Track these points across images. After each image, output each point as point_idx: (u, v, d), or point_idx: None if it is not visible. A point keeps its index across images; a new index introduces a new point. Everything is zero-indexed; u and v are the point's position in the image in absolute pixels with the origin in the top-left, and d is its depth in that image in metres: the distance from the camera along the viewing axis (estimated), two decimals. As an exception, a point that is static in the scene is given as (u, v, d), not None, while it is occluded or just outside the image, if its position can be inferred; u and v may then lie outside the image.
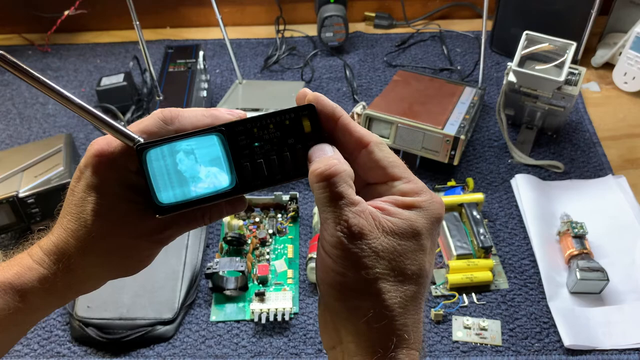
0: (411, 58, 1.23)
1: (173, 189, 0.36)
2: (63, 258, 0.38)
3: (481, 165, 0.97)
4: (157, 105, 0.94)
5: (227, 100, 1.00)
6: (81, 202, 0.37)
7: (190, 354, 0.75)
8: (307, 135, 0.37)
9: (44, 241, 0.39)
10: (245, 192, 0.37)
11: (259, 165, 0.37)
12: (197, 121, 0.38)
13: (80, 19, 1.24)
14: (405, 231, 0.34)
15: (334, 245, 0.33)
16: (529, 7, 1.12)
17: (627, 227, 0.86)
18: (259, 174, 0.37)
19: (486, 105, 1.09)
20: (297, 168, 0.37)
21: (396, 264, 0.34)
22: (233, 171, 0.36)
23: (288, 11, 1.30)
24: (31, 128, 1.10)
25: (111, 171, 0.37)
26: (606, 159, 0.98)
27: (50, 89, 0.34)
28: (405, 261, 0.34)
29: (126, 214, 0.38)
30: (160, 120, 0.37)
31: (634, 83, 1.09)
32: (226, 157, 0.36)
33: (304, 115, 0.37)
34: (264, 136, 0.37)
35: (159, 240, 0.40)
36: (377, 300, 0.33)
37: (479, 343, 0.74)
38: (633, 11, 1.13)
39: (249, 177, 0.37)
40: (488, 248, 0.80)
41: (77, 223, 0.38)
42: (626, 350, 0.72)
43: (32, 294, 0.38)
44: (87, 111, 0.35)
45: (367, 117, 0.93)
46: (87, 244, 0.38)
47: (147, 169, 0.35)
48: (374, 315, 0.33)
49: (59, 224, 0.39)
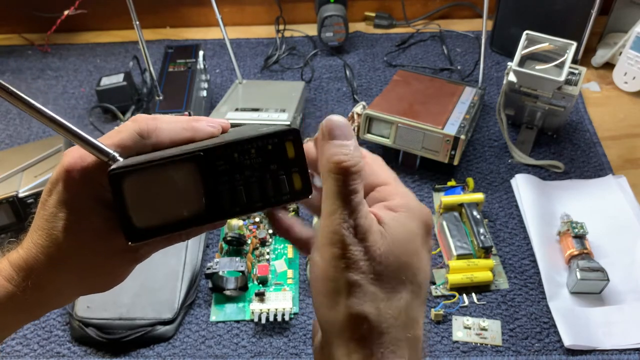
0: (411, 58, 1.23)
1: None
2: (32, 274, 0.36)
3: (481, 165, 0.97)
4: (157, 105, 0.94)
5: (227, 100, 1.00)
6: (52, 218, 0.35)
7: (190, 354, 0.74)
8: (291, 161, 0.35)
9: (14, 256, 0.37)
10: (224, 219, 0.35)
11: (238, 192, 0.34)
12: (176, 135, 0.36)
13: (80, 18, 1.24)
14: (401, 237, 0.32)
15: (334, 241, 0.31)
16: (529, 7, 1.12)
17: (627, 227, 0.86)
18: (238, 201, 0.35)
19: (486, 105, 1.09)
20: (279, 195, 0.35)
21: (391, 271, 0.32)
22: (211, 197, 0.34)
23: (288, 11, 1.29)
24: (31, 128, 1.10)
25: (84, 187, 0.35)
26: (606, 159, 0.98)
27: (14, 97, 0.32)
28: (400, 269, 0.32)
29: (99, 231, 0.36)
30: (137, 133, 0.35)
31: (634, 83, 1.09)
32: (204, 184, 0.34)
33: (288, 140, 0.35)
34: (245, 162, 0.34)
35: (134, 258, 0.38)
36: (370, 306, 0.31)
37: (479, 343, 0.74)
38: (633, 11, 1.13)
39: (227, 204, 0.35)
40: (488, 248, 0.80)
41: (47, 239, 0.36)
42: (626, 350, 0.72)
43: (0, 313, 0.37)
44: (57, 123, 0.33)
45: (367, 117, 0.93)
46: (57, 261, 0.36)
47: (121, 195, 0.33)
48: (367, 328, 0.31)
49: (30, 239, 0.37)
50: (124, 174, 0.33)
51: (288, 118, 0.92)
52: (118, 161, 0.34)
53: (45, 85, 1.20)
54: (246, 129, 0.39)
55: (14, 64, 1.26)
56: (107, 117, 1.10)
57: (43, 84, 1.20)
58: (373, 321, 0.31)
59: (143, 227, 0.33)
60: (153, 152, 0.36)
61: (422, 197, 0.92)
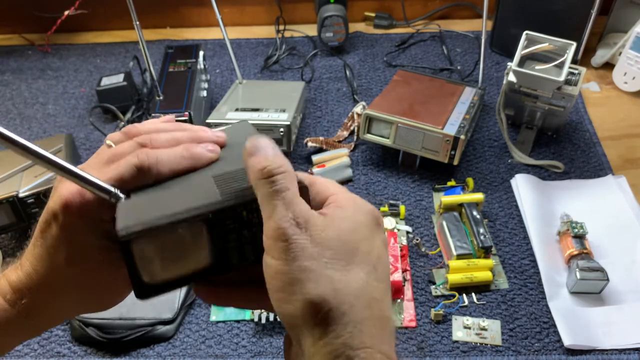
0: (411, 58, 1.23)
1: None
2: (33, 299, 0.37)
3: (481, 165, 0.97)
4: (157, 105, 0.94)
5: (227, 100, 1.00)
6: (53, 250, 0.36)
7: (190, 354, 0.75)
8: None
9: (13, 278, 0.37)
10: (230, 272, 0.36)
11: (246, 248, 0.35)
12: (177, 165, 0.36)
13: (81, 18, 1.24)
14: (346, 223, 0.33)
15: (278, 236, 0.31)
16: (529, 7, 1.12)
17: (627, 227, 0.86)
18: (245, 256, 0.35)
19: (486, 105, 1.09)
20: None
21: (342, 252, 0.32)
22: (218, 253, 0.35)
23: (288, 11, 1.30)
24: (31, 128, 1.10)
25: (84, 222, 0.35)
26: (606, 159, 0.98)
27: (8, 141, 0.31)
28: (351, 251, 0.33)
29: (100, 261, 0.36)
30: (136, 168, 0.35)
31: (634, 83, 1.09)
32: (212, 242, 0.34)
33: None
34: (254, 219, 0.34)
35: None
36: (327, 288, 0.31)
37: (479, 343, 0.74)
38: (633, 11, 1.13)
39: (234, 258, 0.35)
40: (488, 248, 0.80)
41: (49, 269, 0.36)
42: (626, 350, 0.72)
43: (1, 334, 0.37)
44: (54, 164, 0.33)
45: (367, 117, 0.93)
46: (59, 288, 0.37)
47: (130, 256, 0.33)
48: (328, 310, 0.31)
49: (30, 264, 0.37)
50: (133, 239, 0.32)
51: (288, 118, 0.92)
52: (120, 199, 0.34)
53: (46, 85, 1.20)
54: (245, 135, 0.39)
55: (14, 64, 1.27)
56: (107, 117, 1.11)
57: (43, 84, 1.20)
58: (332, 302, 0.31)
59: (152, 284, 0.34)
60: (154, 185, 0.36)
61: (422, 197, 0.92)
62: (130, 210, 0.34)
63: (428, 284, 0.81)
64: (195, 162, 0.37)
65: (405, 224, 0.88)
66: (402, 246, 0.84)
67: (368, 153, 1.01)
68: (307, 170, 0.96)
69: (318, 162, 0.96)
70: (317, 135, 1.04)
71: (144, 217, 0.33)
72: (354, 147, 1.01)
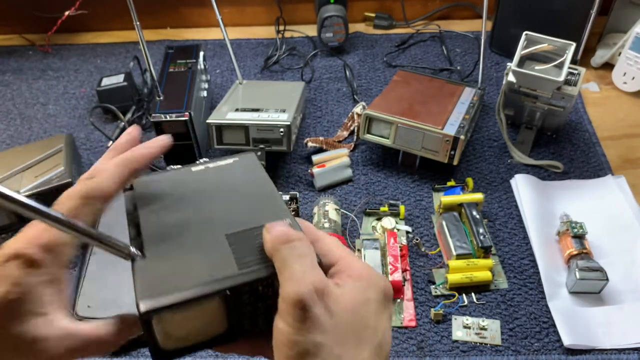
0: (411, 58, 1.23)
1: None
2: None
3: (481, 165, 0.98)
4: (158, 106, 0.94)
5: (227, 101, 1.00)
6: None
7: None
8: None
9: None
10: (244, 337, 0.37)
11: (260, 317, 0.36)
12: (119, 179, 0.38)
13: (81, 19, 1.25)
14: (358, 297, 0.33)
15: (296, 304, 0.31)
16: (529, 7, 1.12)
17: (626, 227, 0.86)
18: (259, 324, 0.36)
19: (486, 105, 1.09)
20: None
21: (351, 328, 0.32)
22: (234, 322, 0.36)
23: (288, 11, 1.30)
24: (32, 128, 1.10)
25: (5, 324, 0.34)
26: (606, 159, 0.98)
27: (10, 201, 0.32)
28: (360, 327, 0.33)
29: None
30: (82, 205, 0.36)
31: (633, 83, 1.10)
32: (227, 313, 0.35)
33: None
34: (268, 293, 0.35)
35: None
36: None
37: (478, 343, 0.74)
38: (633, 11, 1.13)
39: (248, 325, 0.36)
40: (488, 248, 0.80)
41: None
42: (626, 350, 0.72)
43: None
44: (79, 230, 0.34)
45: (367, 117, 0.93)
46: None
47: (149, 328, 0.35)
48: None
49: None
50: (153, 314, 0.34)
51: (288, 118, 0.92)
52: (137, 256, 0.36)
53: (46, 85, 1.20)
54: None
55: (14, 64, 1.27)
56: (107, 118, 1.11)
57: (44, 84, 1.21)
58: None
59: (169, 350, 0.36)
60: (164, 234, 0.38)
61: (422, 197, 0.92)
62: (147, 277, 0.35)
63: (428, 284, 0.81)
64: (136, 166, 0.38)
65: (405, 223, 0.88)
66: (402, 246, 0.84)
67: (368, 153, 1.01)
68: (307, 170, 0.96)
69: (318, 162, 0.96)
70: (317, 135, 1.04)
71: (163, 288, 0.34)
72: (354, 147, 1.02)
